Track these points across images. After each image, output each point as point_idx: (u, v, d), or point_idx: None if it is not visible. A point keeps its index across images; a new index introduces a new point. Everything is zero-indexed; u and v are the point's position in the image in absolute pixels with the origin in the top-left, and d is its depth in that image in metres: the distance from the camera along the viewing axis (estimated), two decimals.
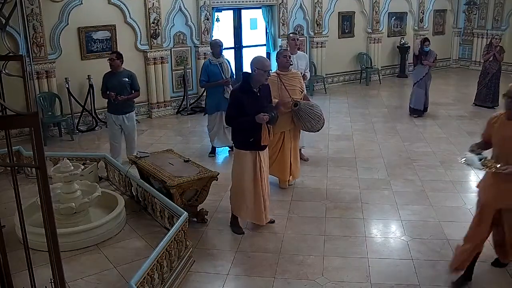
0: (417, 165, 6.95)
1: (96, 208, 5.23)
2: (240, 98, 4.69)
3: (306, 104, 5.78)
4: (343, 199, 5.87)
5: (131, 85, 6.69)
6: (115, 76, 6.60)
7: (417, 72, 9.57)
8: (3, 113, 2.40)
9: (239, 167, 4.91)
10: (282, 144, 5.94)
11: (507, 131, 3.75)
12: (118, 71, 6.62)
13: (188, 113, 10.21)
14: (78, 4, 8.75)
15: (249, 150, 4.82)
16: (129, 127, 6.83)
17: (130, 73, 6.75)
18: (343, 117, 9.74)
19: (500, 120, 3.86)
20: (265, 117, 4.63)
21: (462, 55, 15.40)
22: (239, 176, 4.93)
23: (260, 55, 4.96)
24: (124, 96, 6.56)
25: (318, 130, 5.94)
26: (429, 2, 14.33)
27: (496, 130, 3.84)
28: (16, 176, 2.72)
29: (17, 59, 2.85)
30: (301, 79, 6.07)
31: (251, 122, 4.65)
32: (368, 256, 4.57)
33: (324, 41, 12.35)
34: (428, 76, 9.49)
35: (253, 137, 4.74)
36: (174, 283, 4.06)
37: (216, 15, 10.87)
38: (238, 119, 4.71)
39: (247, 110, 4.65)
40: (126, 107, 6.71)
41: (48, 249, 2.23)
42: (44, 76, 8.54)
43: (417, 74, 9.54)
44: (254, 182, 4.88)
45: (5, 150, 3.12)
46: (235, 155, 5.01)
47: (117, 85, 6.56)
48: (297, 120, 5.77)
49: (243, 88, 4.74)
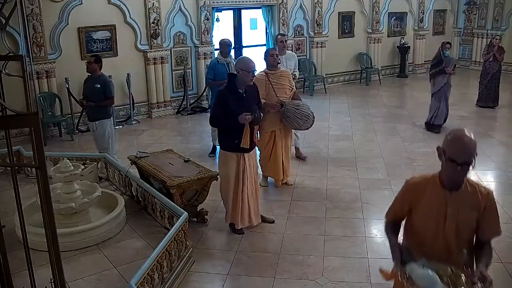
0: (417, 165, 6.95)
1: (96, 208, 5.23)
2: (226, 99, 4.67)
3: (291, 104, 5.80)
4: (343, 199, 5.87)
5: (104, 92, 6.38)
6: (90, 81, 6.45)
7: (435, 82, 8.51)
8: (3, 113, 2.40)
9: (224, 169, 4.89)
10: (274, 143, 5.97)
11: (448, 204, 2.47)
12: (94, 76, 6.42)
13: (188, 113, 10.20)
14: (78, 4, 8.76)
15: (234, 152, 4.79)
16: (98, 134, 6.54)
17: (105, 80, 6.47)
18: (343, 117, 9.74)
19: (431, 187, 2.54)
20: (248, 117, 4.59)
21: (462, 55, 15.40)
22: (224, 178, 4.91)
23: (245, 56, 4.92)
24: (91, 102, 6.34)
25: (307, 129, 6.02)
26: (429, 2, 14.33)
27: (428, 201, 2.53)
28: (16, 176, 2.72)
29: (17, 59, 2.85)
30: (290, 78, 6.10)
31: (235, 123, 4.62)
32: (368, 256, 4.57)
33: (324, 41, 12.35)
34: (448, 86, 8.48)
35: (238, 138, 4.70)
36: (174, 283, 4.06)
37: (216, 15, 10.87)
38: (221, 119, 4.70)
39: (233, 111, 4.62)
40: (95, 113, 6.46)
41: (48, 249, 2.23)
42: (44, 76, 8.54)
43: (436, 84, 8.50)
44: (237, 185, 4.84)
45: (5, 150, 3.12)
46: (221, 157, 4.99)
47: (90, 90, 6.40)
48: (284, 119, 5.83)
49: (229, 89, 4.72)
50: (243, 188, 4.86)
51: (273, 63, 5.86)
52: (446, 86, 8.44)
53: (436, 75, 8.43)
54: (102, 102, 6.39)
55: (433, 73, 8.52)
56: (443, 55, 8.38)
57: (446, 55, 8.38)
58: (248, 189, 4.90)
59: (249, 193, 4.93)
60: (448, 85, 8.46)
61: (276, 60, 5.85)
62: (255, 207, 5.04)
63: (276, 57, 5.87)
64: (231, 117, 4.61)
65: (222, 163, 4.95)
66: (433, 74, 8.53)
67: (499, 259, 4.44)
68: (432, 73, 8.57)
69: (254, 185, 5.01)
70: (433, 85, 8.55)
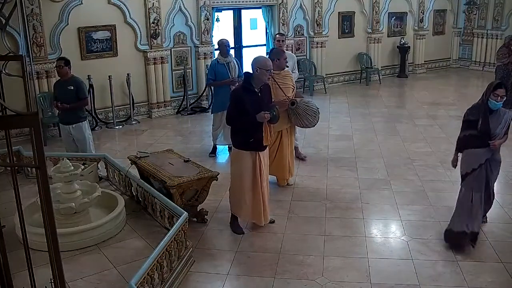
0: (417, 165, 6.95)
1: (96, 208, 5.23)
2: (242, 98, 4.71)
3: (302, 101, 5.89)
4: (343, 199, 5.87)
5: (77, 93, 6.24)
6: (62, 84, 6.32)
7: (469, 155, 4.60)
8: (3, 113, 2.40)
9: (238, 168, 4.91)
10: (280, 142, 5.99)
11: None
12: (66, 79, 6.26)
13: (188, 113, 10.20)
14: (78, 4, 8.75)
15: (249, 150, 4.83)
16: (78, 139, 6.42)
17: (76, 81, 6.33)
18: (343, 117, 9.74)
19: None
20: (266, 116, 4.66)
21: (462, 55, 15.39)
22: (239, 177, 4.93)
23: (261, 55, 5.00)
24: (66, 104, 6.16)
25: (314, 125, 6.07)
26: (429, 2, 14.33)
27: None
28: (16, 176, 2.72)
29: (17, 59, 2.85)
30: (292, 77, 6.19)
31: (252, 121, 4.67)
32: (368, 256, 4.57)
33: (324, 41, 12.35)
34: (495, 163, 4.63)
35: (253, 137, 4.74)
36: (174, 283, 4.06)
37: (216, 15, 10.87)
38: (239, 118, 4.72)
39: (248, 110, 4.66)
40: (71, 117, 6.32)
41: (48, 249, 2.23)
42: (44, 76, 8.54)
43: (470, 159, 4.58)
44: (254, 183, 4.88)
45: (5, 150, 3.13)
46: (234, 155, 5.01)
47: (63, 93, 6.26)
48: (294, 118, 5.87)
49: (245, 88, 4.77)
50: (262, 186, 4.90)
51: (283, 66, 5.97)
52: (490, 162, 4.56)
53: (467, 142, 4.60)
54: (77, 103, 6.27)
55: (461, 138, 4.70)
56: (489, 105, 4.40)
57: (496, 107, 4.40)
58: (265, 187, 4.96)
59: (266, 191, 4.98)
60: (495, 163, 4.62)
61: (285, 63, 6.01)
62: (268, 205, 5.08)
63: (285, 60, 6.02)
64: (248, 115, 4.65)
65: (235, 161, 4.97)
66: (461, 140, 4.69)
67: (499, 259, 4.45)
68: (460, 138, 4.71)
69: (268, 183, 5.06)
70: (458, 161, 4.79)
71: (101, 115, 9.36)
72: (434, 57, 14.99)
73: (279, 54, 5.97)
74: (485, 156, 4.51)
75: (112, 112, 9.36)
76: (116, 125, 9.37)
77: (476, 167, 4.52)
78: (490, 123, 4.45)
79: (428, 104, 10.79)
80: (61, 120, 6.58)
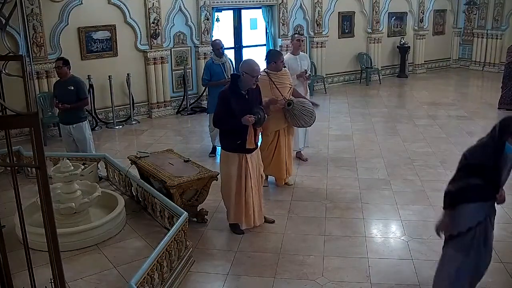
0: (417, 165, 6.95)
1: (96, 208, 5.23)
2: (228, 99, 4.67)
3: (298, 102, 5.87)
4: (343, 199, 5.87)
5: (77, 93, 6.24)
6: (62, 84, 6.31)
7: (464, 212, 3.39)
8: (3, 113, 2.40)
9: (226, 170, 4.89)
10: (277, 142, 5.98)
11: None
12: (65, 79, 6.25)
13: (188, 113, 10.20)
14: (78, 4, 8.75)
15: (236, 152, 4.79)
16: (79, 139, 6.40)
17: (76, 81, 6.31)
18: (343, 117, 9.74)
19: None
20: (251, 119, 4.61)
21: (462, 55, 15.38)
22: (226, 179, 4.91)
23: (251, 58, 4.90)
24: (67, 104, 6.16)
25: (310, 125, 6.08)
26: (429, 2, 14.32)
27: None
28: (16, 176, 2.72)
29: (17, 59, 2.85)
30: (289, 76, 6.13)
31: (238, 124, 4.62)
32: (368, 256, 4.57)
33: (324, 41, 12.35)
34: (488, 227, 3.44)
35: (240, 139, 4.70)
36: (174, 283, 4.06)
37: (216, 15, 10.87)
38: (226, 120, 4.69)
39: (235, 112, 4.62)
40: (71, 117, 6.30)
41: (48, 249, 2.23)
42: (44, 76, 8.54)
43: (458, 218, 3.42)
44: (240, 185, 4.84)
45: (5, 150, 3.13)
46: (222, 157, 4.99)
47: (63, 93, 6.23)
48: (291, 118, 5.86)
49: (232, 90, 4.72)
50: (247, 189, 4.86)
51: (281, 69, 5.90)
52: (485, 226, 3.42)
53: (470, 194, 3.38)
54: (78, 103, 6.26)
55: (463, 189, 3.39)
56: (506, 149, 3.26)
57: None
58: (251, 189, 4.90)
59: (253, 194, 4.93)
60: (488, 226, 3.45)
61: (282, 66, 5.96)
62: (259, 208, 5.04)
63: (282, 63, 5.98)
64: (234, 117, 4.61)
65: (223, 163, 4.96)
66: (462, 191, 3.39)
67: (499, 259, 4.44)
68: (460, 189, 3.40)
69: (258, 186, 5.01)
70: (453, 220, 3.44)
71: (101, 115, 9.36)
72: (434, 57, 14.99)
73: (276, 57, 5.91)
74: (486, 212, 3.40)
75: (112, 112, 9.36)
76: (116, 125, 9.37)
77: (474, 225, 3.36)
78: (504, 171, 3.36)
79: (428, 104, 10.79)
80: (61, 120, 6.58)
